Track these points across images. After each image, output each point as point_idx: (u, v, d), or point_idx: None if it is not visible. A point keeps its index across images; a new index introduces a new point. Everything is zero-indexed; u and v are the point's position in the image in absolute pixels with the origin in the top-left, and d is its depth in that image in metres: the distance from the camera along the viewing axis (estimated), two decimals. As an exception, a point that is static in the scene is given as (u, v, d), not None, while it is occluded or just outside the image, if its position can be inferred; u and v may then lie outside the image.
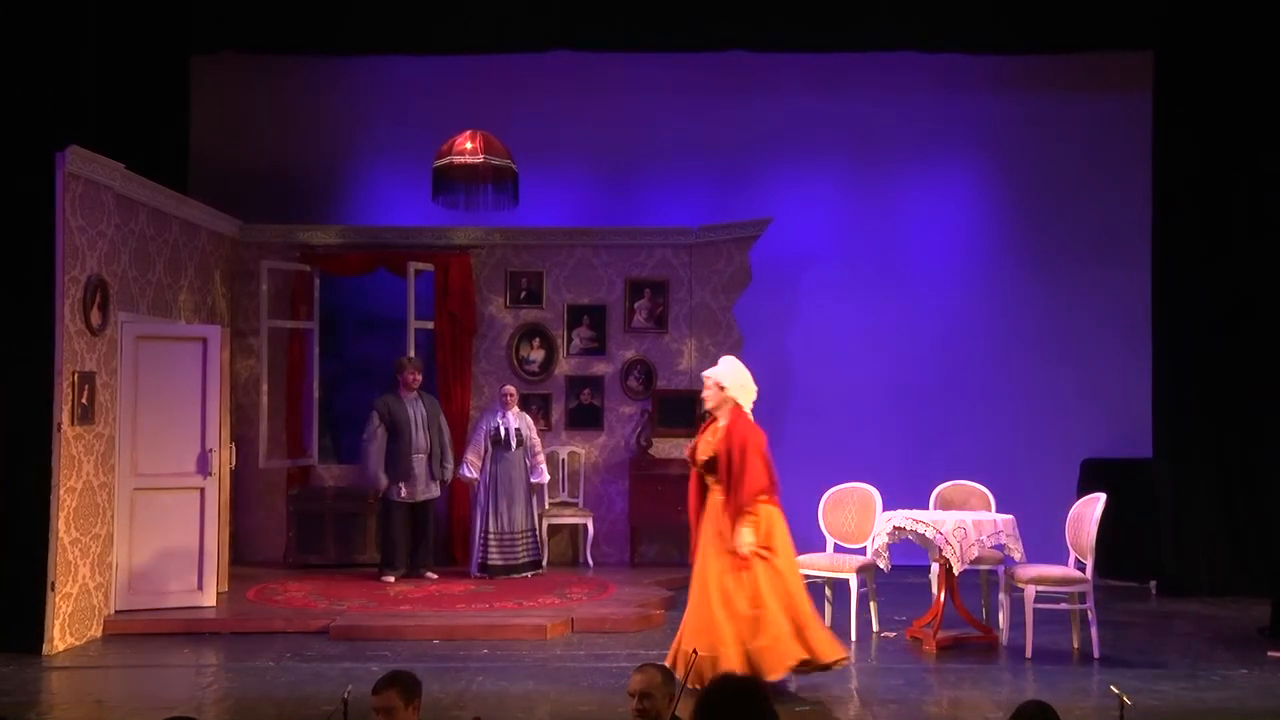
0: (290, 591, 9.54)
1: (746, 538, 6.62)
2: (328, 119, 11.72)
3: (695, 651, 6.64)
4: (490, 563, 10.05)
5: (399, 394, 10.06)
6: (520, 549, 10.12)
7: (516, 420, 10.16)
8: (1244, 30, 9.96)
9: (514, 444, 10.09)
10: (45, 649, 7.76)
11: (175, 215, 9.76)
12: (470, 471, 10.11)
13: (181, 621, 8.60)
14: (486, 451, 10.11)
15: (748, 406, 7.01)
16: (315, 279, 11.16)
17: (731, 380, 7.01)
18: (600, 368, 10.99)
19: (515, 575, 10.01)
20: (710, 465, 6.83)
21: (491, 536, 10.06)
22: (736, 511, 6.65)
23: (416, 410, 10.04)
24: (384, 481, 9.91)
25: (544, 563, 10.33)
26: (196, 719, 3.86)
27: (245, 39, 10.63)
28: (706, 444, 6.88)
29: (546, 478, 10.33)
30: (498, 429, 10.08)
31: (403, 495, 9.98)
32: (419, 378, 10.11)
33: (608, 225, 11.39)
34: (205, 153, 11.13)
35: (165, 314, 9.54)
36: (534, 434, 10.27)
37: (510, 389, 10.26)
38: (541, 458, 10.25)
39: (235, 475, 10.91)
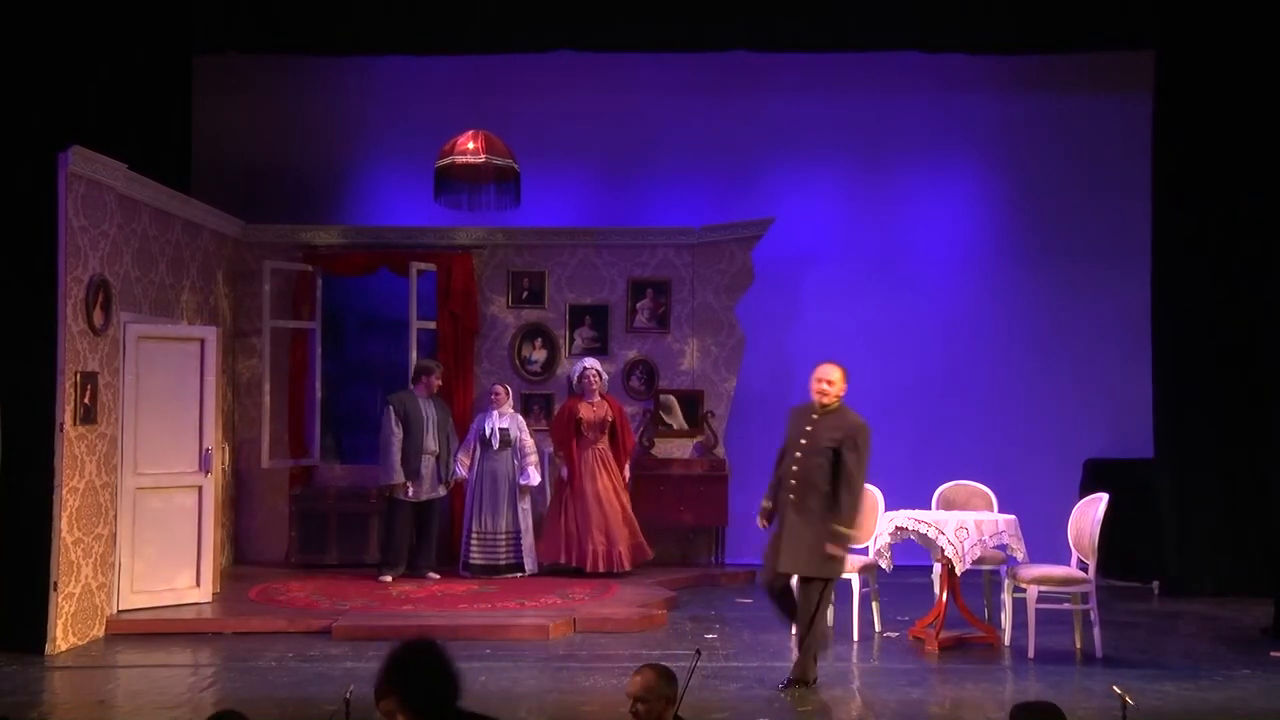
0: (293, 591, 9.55)
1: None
2: (330, 119, 11.72)
3: (699, 651, 6.65)
4: (472, 562, 10.07)
5: (414, 393, 10.06)
6: (502, 550, 10.11)
7: (505, 420, 10.16)
8: (1245, 31, 9.96)
9: (498, 444, 10.08)
10: (48, 649, 7.76)
11: (178, 215, 9.76)
12: (460, 470, 10.12)
13: (184, 621, 8.62)
14: (476, 451, 10.12)
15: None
16: (317, 279, 11.17)
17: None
18: (603, 368, 10.96)
19: (496, 576, 10.00)
20: (603, 425, 10.10)
21: (474, 536, 10.08)
22: (628, 453, 10.34)
23: (429, 411, 10.05)
24: (402, 477, 9.89)
25: (526, 566, 10.15)
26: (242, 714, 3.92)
27: (247, 39, 10.63)
28: (594, 410, 10.11)
29: (536, 480, 10.21)
30: (484, 429, 10.10)
31: (409, 495, 9.98)
32: (439, 383, 10.14)
33: (610, 225, 11.39)
34: (208, 153, 11.14)
35: (168, 314, 9.55)
36: (525, 435, 10.25)
37: (499, 388, 10.26)
38: (532, 459, 10.18)
39: (238, 475, 10.97)
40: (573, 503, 10.08)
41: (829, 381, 6.94)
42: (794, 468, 6.91)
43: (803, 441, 6.89)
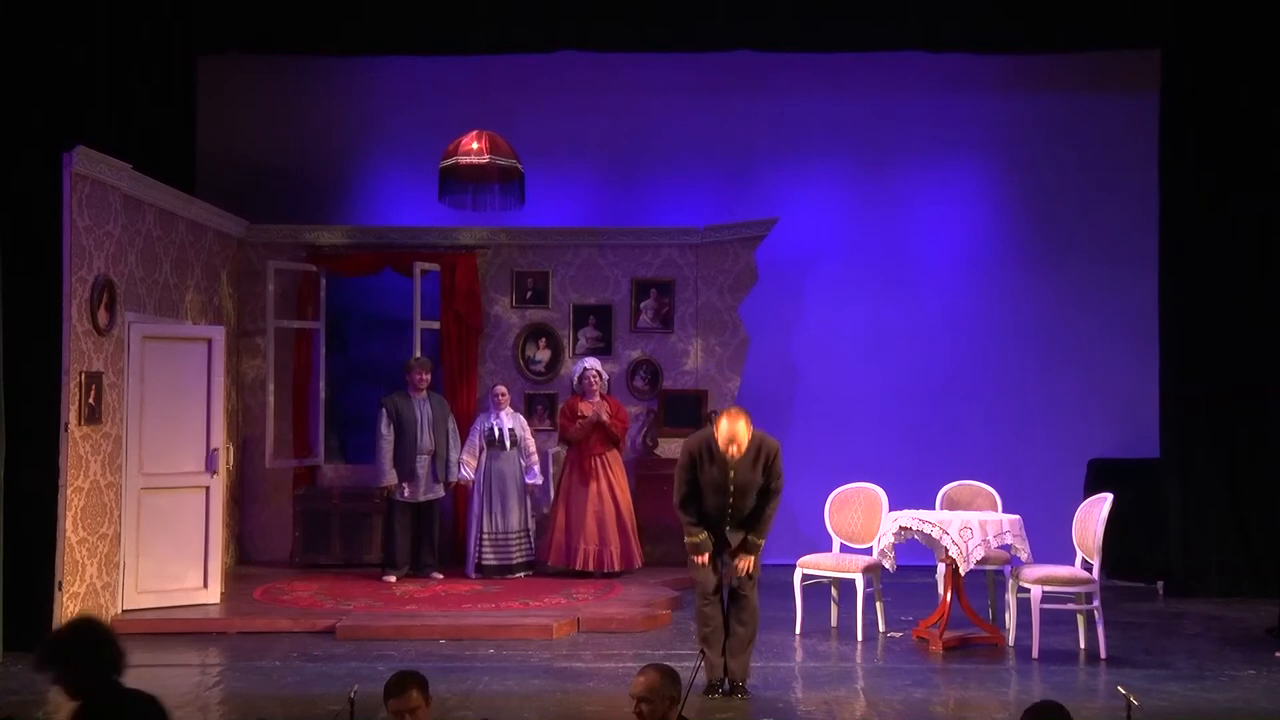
0: (297, 591, 9.56)
1: None
2: (334, 119, 11.73)
3: (703, 651, 6.66)
4: (485, 563, 10.08)
5: (408, 394, 10.08)
6: (514, 549, 10.12)
7: (510, 420, 10.17)
8: (1251, 29, 9.93)
9: (508, 444, 10.10)
10: (53, 648, 7.77)
11: (182, 215, 9.78)
12: (466, 472, 10.13)
13: (188, 621, 8.63)
14: (481, 452, 10.13)
15: None
16: (321, 279, 11.18)
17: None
18: (606, 368, 10.97)
19: (510, 575, 10.02)
20: (601, 425, 10.09)
21: (486, 537, 10.09)
22: (623, 422, 10.33)
23: (423, 411, 10.06)
24: (394, 478, 9.92)
25: (536, 563, 10.25)
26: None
27: (251, 39, 10.63)
28: (601, 409, 10.15)
29: (541, 479, 10.30)
30: (491, 429, 10.11)
31: (405, 495, 9.99)
32: (426, 378, 10.13)
33: (613, 225, 11.39)
34: (212, 153, 11.14)
35: (172, 314, 9.56)
36: (528, 435, 10.27)
37: (501, 388, 10.28)
38: (536, 458, 10.24)
39: (242, 475, 10.98)
40: (570, 502, 10.12)
41: (739, 445, 6.64)
42: (729, 511, 6.81)
43: (731, 488, 6.76)
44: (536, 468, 10.25)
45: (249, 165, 11.50)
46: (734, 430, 6.66)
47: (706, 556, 6.84)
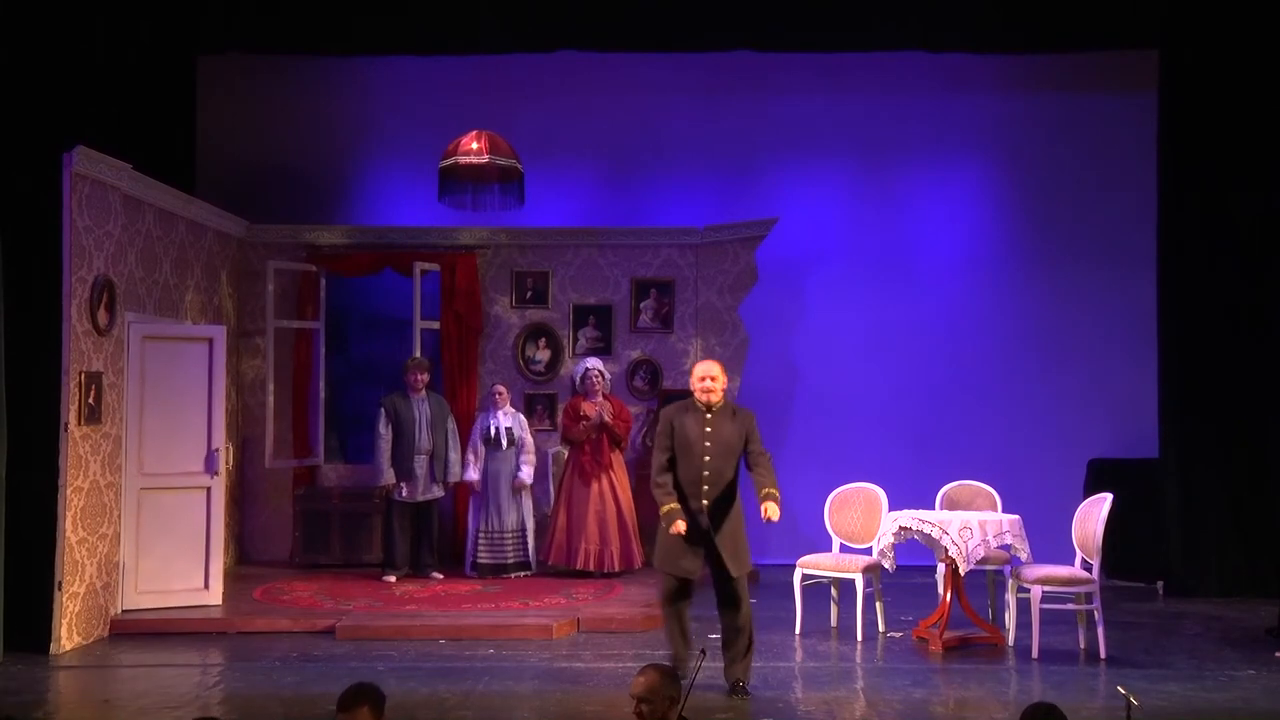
0: (296, 591, 9.56)
1: None
2: (334, 119, 11.73)
3: (703, 651, 6.66)
4: (480, 561, 10.09)
5: (406, 394, 10.08)
6: (509, 549, 10.12)
7: (508, 419, 10.17)
8: (1249, 30, 9.94)
9: (505, 443, 10.10)
10: (53, 649, 7.78)
11: (182, 215, 9.78)
12: (472, 473, 10.11)
13: (188, 621, 8.62)
14: (480, 452, 10.13)
15: None
16: (321, 279, 11.18)
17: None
18: (606, 368, 10.96)
19: (504, 575, 10.03)
20: (603, 425, 10.07)
21: (481, 535, 10.10)
22: (625, 422, 10.32)
23: (422, 411, 10.05)
24: (392, 478, 9.93)
25: (533, 564, 10.22)
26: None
27: (251, 39, 10.63)
28: (604, 409, 10.12)
29: (528, 478, 10.18)
30: (489, 428, 10.11)
31: (404, 495, 9.99)
32: (423, 378, 10.12)
33: (613, 225, 11.39)
34: (212, 153, 11.16)
35: (172, 314, 9.57)
36: (526, 434, 10.25)
37: (500, 388, 10.27)
38: (531, 457, 10.18)
39: (242, 475, 10.98)
40: (570, 502, 10.12)
41: (713, 378, 6.78)
42: (705, 472, 6.74)
43: (707, 444, 6.74)
44: (527, 467, 10.15)
45: (249, 165, 11.50)
46: (708, 368, 6.82)
47: (682, 524, 6.72)
